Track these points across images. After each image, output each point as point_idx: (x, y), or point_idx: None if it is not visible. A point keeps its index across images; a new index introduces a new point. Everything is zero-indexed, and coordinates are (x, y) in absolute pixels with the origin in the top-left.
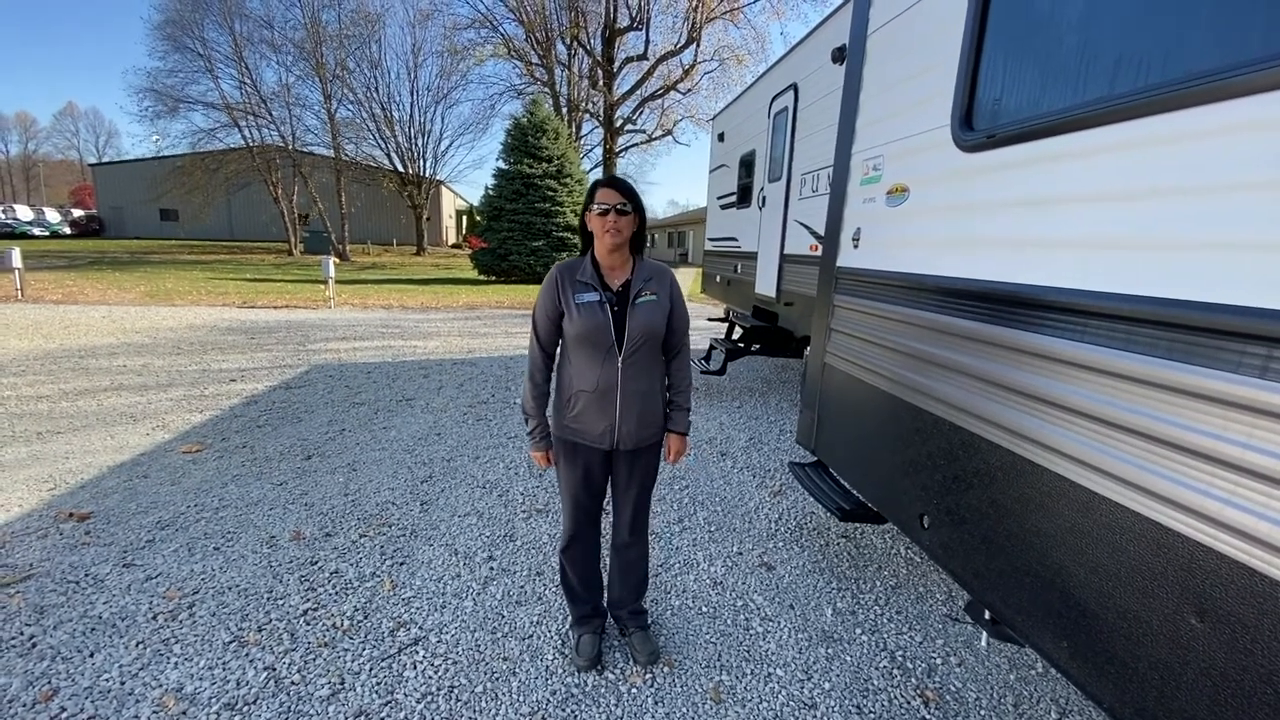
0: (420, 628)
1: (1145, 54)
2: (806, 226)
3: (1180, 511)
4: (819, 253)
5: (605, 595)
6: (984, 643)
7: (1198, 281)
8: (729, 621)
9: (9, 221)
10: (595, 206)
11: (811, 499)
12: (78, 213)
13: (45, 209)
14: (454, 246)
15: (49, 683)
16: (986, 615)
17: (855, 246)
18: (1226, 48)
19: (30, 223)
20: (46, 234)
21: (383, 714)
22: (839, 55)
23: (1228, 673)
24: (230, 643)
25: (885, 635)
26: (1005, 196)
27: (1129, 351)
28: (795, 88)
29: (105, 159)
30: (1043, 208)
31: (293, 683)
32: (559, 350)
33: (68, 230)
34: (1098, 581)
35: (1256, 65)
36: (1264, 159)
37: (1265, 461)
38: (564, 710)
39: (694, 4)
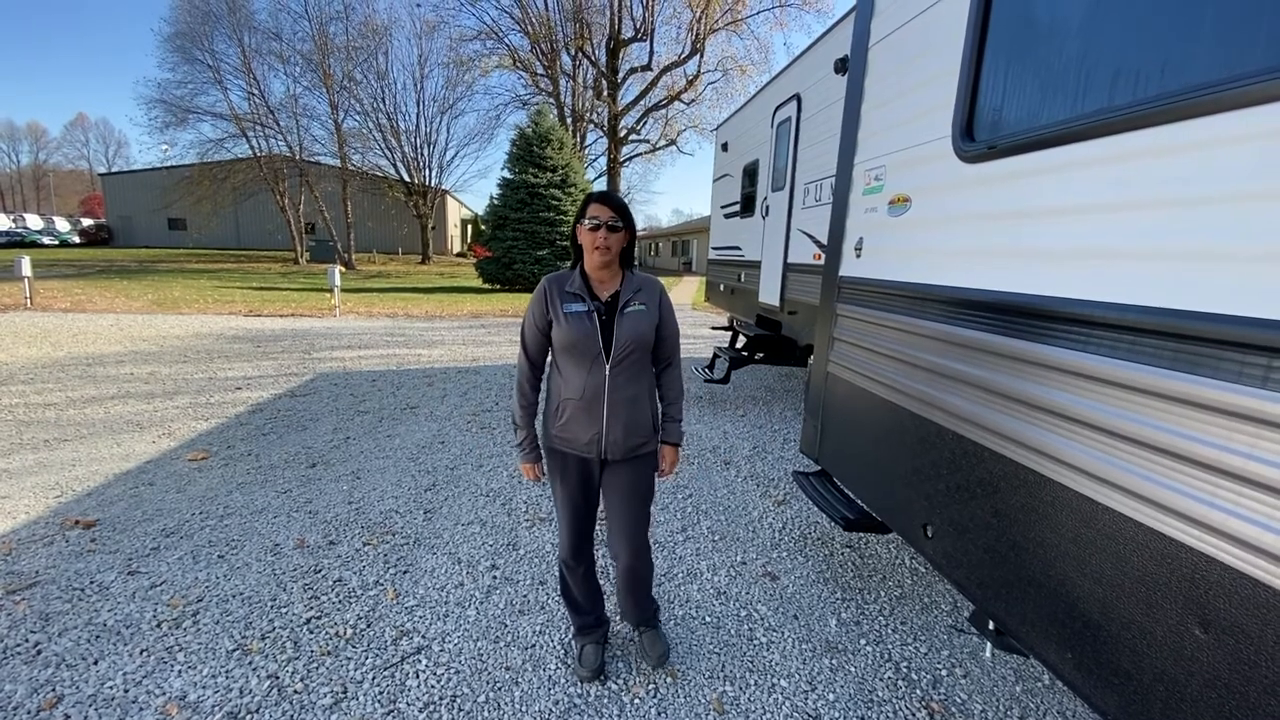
0: (423, 636)
1: (1145, 66)
2: (810, 235)
3: (1184, 522)
4: (822, 262)
5: (605, 605)
6: (989, 654)
7: (1200, 292)
8: (732, 632)
9: (19, 230)
10: (586, 221)
11: (815, 508)
12: (87, 222)
13: (55, 218)
14: (459, 255)
15: (53, 690)
16: (991, 626)
17: (858, 256)
18: (1227, 60)
19: (40, 232)
20: (56, 243)
21: None
22: (841, 66)
23: (1232, 684)
24: (234, 651)
25: (890, 646)
26: (1006, 207)
27: (1132, 361)
28: (798, 98)
29: (114, 169)
30: (1043, 218)
31: (295, 691)
32: (549, 361)
33: (76, 239)
34: (1102, 592)
35: (1258, 77)
36: (1267, 169)
37: (1268, 472)
38: None
39: (697, 15)
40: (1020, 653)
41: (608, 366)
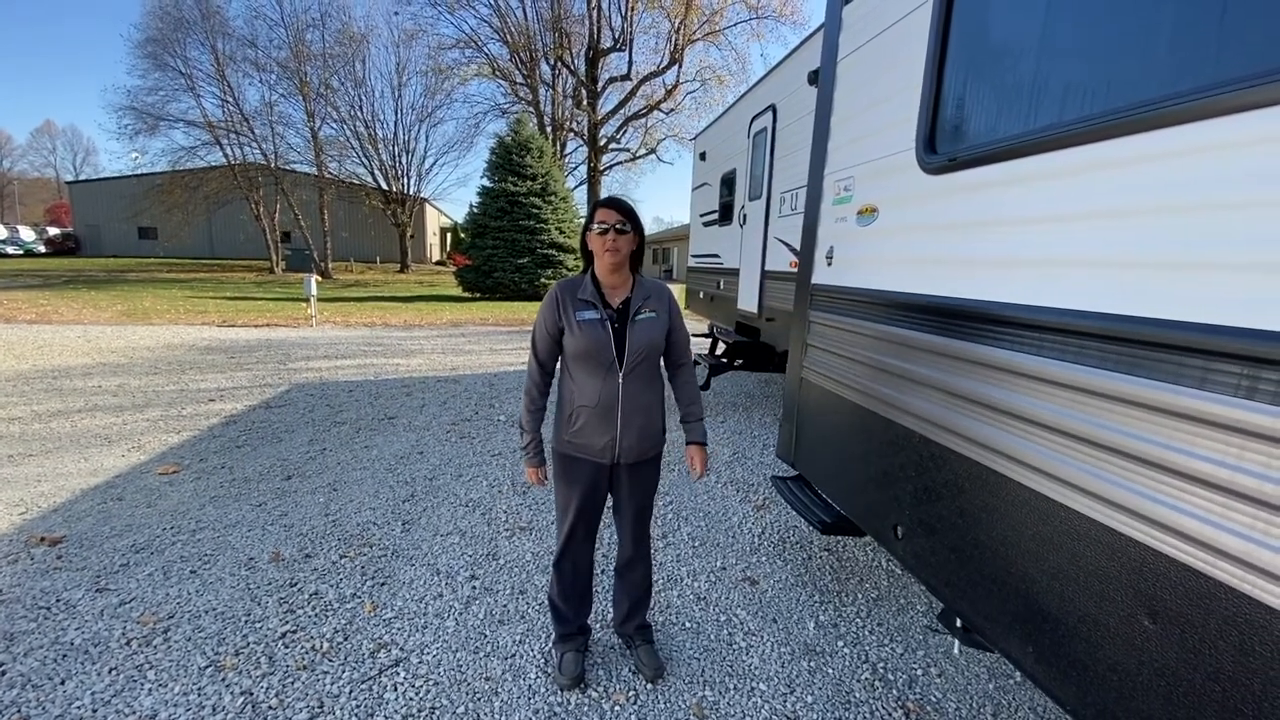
0: (401, 649)
1: (1097, 80)
2: (786, 244)
3: (1131, 517)
4: (797, 269)
5: (592, 613)
6: (957, 650)
7: (1144, 298)
8: (712, 637)
9: None
10: (595, 226)
11: (794, 513)
12: (53, 231)
13: (19, 227)
14: (438, 264)
15: (19, 711)
16: (958, 623)
17: (829, 264)
18: (1178, 74)
19: (4, 241)
20: (20, 252)
21: None
22: (814, 78)
23: (1179, 672)
24: (206, 668)
25: (867, 647)
26: (966, 217)
27: (1082, 365)
28: (774, 108)
29: (83, 177)
30: (1000, 228)
31: (270, 707)
32: (559, 367)
33: (43, 249)
34: (1058, 587)
35: (1208, 91)
36: (1206, 182)
37: (1207, 468)
38: None
39: (675, 26)
40: (985, 648)
41: (621, 374)
